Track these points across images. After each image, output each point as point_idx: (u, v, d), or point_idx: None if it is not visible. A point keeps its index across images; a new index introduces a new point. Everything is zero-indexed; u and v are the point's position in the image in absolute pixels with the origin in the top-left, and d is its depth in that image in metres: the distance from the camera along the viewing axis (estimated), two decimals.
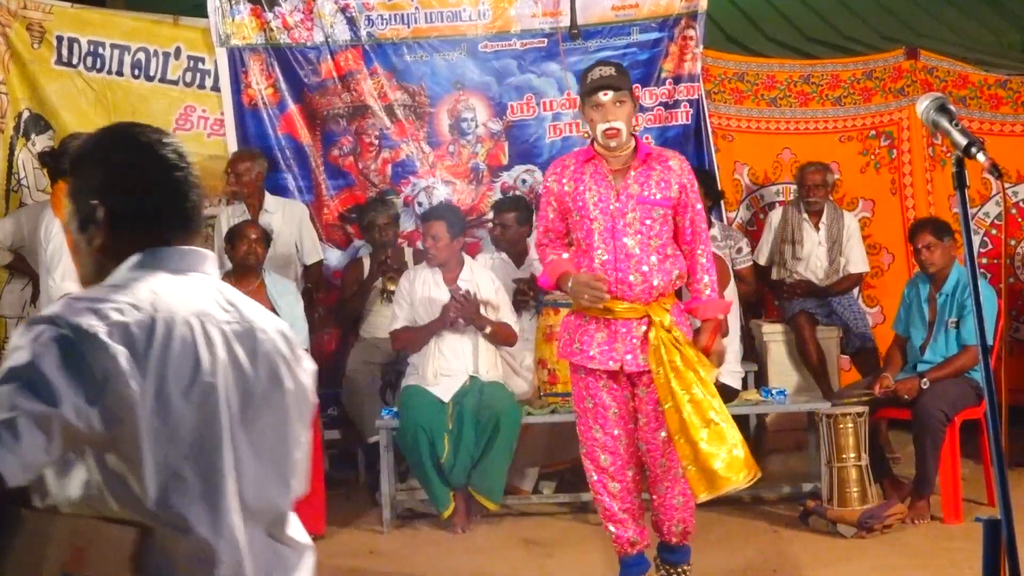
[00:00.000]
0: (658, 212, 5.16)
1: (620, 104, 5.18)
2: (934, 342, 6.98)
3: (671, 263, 5.20)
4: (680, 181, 5.20)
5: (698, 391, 5.10)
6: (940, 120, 2.75)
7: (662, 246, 5.18)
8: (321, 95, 8.37)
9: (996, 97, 8.78)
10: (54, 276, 6.36)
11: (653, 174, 5.20)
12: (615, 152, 5.22)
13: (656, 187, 5.18)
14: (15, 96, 7.95)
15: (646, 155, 5.26)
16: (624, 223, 5.17)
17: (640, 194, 5.18)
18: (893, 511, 6.55)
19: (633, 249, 5.16)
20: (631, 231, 5.17)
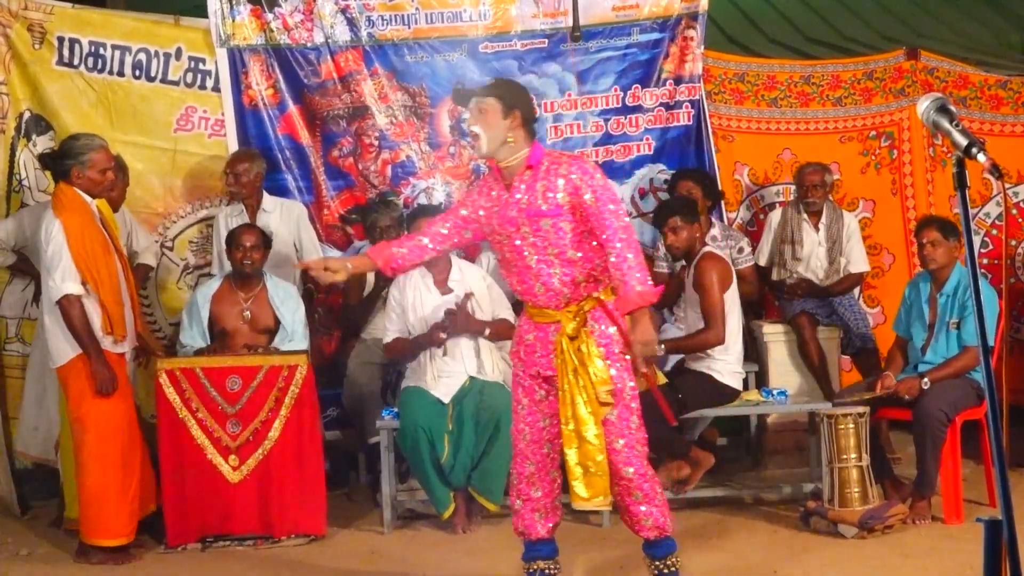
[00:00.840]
0: (547, 222, 5.18)
1: (481, 111, 5.26)
2: (935, 343, 6.98)
3: (578, 267, 5.22)
4: (571, 187, 5.18)
5: (581, 406, 5.18)
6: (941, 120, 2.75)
7: (560, 253, 5.20)
8: (321, 96, 8.37)
9: (996, 98, 8.79)
10: (54, 277, 6.36)
11: (539, 184, 5.21)
12: (501, 163, 5.29)
13: (542, 196, 5.19)
14: (16, 97, 7.94)
15: (535, 163, 5.26)
16: (519, 235, 5.24)
17: (526, 205, 5.22)
18: (894, 512, 6.55)
19: (530, 260, 5.23)
20: (526, 243, 5.23)
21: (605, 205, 5.13)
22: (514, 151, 5.24)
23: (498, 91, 5.31)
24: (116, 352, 6.52)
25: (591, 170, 5.22)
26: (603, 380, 5.18)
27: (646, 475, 5.30)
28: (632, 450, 5.27)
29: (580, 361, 5.18)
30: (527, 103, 5.40)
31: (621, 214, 5.16)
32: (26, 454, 7.62)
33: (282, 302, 7.25)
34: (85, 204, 6.52)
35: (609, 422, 5.24)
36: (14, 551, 6.88)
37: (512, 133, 5.23)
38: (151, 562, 6.59)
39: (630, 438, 5.27)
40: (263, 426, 6.78)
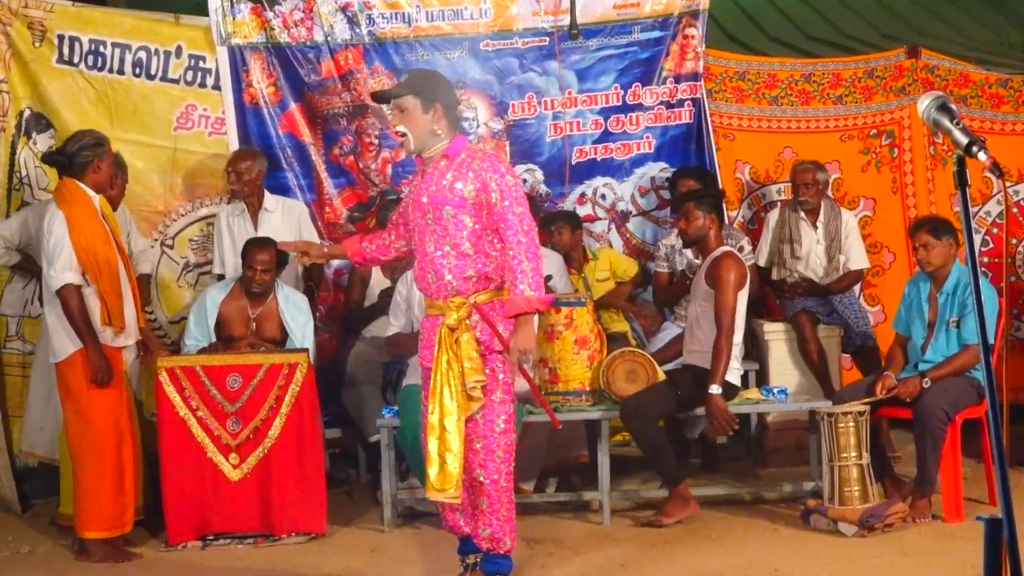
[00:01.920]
0: (448, 211, 5.29)
1: (401, 111, 5.38)
2: (935, 341, 6.97)
3: (470, 262, 5.30)
4: (479, 182, 5.27)
5: (448, 398, 5.26)
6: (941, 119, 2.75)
7: (456, 245, 5.30)
8: (322, 94, 8.37)
9: (997, 96, 8.79)
10: (55, 267, 6.37)
11: (449, 174, 5.32)
12: (424, 154, 5.43)
13: (449, 186, 5.30)
14: (16, 95, 7.94)
15: (452, 154, 5.36)
16: (424, 221, 5.37)
17: (434, 192, 5.34)
18: (894, 510, 6.55)
19: (427, 246, 5.38)
20: (428, 229, 5.36)
21: (511, 207, 5.22)
22: (439, 141, 5.37)
23: (415, 87, 5.39)
24: (115, 346, 6.53)
25: (504, 170, 5.31)
26: (474, 371, 5.25)
27: (498, 484, 5.37)
28: (490, 454, 5.35)
29: (455, 353, 5.26)
30: (446, 93, 5.48)
31: (525, 218, 5.24)
32: (33, 454, 7.62)
33: (292, 316, 7.26)
34: (88, 198, 6.54)
35: (474, 421, 5.33)
36: (15, 549, 6.88)
37: (437, 126, 5.35)
38: (151, 560, 6.59)
39: (490, 441, 5.35)
40: (263, 424, 6.78)
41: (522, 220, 5.22)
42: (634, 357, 7.06)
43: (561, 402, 7.03)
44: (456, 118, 5.48)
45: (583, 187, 8.57)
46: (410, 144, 5.43)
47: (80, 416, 6.49)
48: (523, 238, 5.21)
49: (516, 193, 5.27)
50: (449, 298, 5.33)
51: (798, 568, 5.96)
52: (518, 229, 5.21)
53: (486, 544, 5.48)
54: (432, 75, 5.72)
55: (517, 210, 5.23)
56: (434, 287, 5.38)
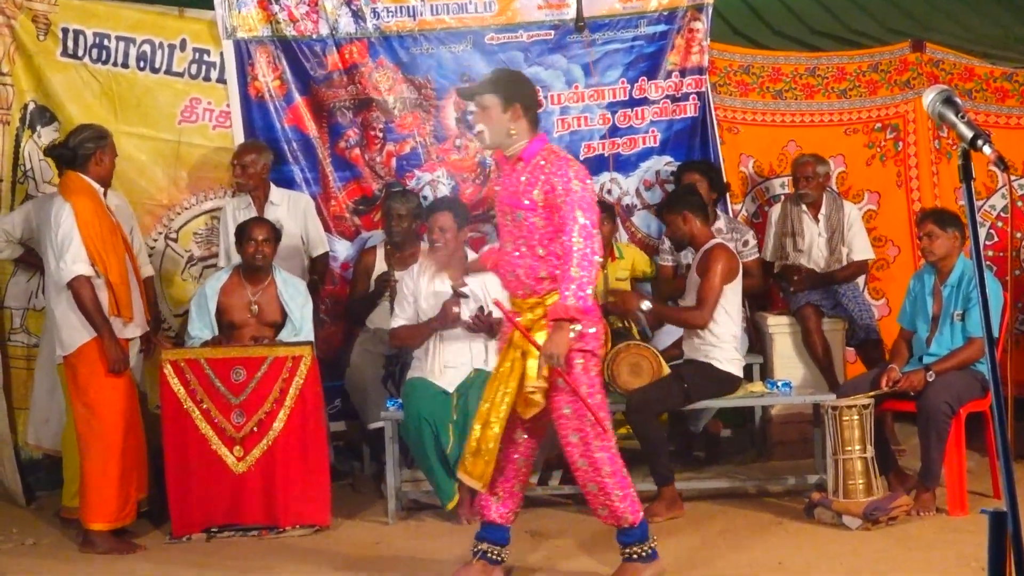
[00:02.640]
0: (520, 214, 5.38)
1: (482, 109, 5.45)
2: (939, 335, 6.97)
3: (542, 264, 5.38)
4: (548, 187, 5.32)
5: (501, 392, 5.42)
6: (946, 112, 2.75)
7: (530, 247, 5.39)
8: (327, 87, 8.36)
9: (1002, 90, 8.78)
10: (65, 259, 6.39)
11: (524, 176, 5.40)
12: (505, 152, 5.50)
13: (523, 189, 5.38)
14: (20, 88, 7.93)
15: (527, 157, 5.42)
16: (504, 220, 5.52)
17: (509, 194, 5.45)
18: (898, 503, 6.55)
19: (507, 245, 5.51)
20: (507, 228, 5.49)
21: (571, 212, 5.25)
22: (515, 142, 5.42)
23: (496, 87, 5.45)
24: (123, 337, 6.56)
25: (571, 175, 5.33)
26: (533, 378, 5.33)
27: (600, 471, 5.45)
28: (587, 446, 5.43)
29: (523, 352, 5.37)
30: (527, 93, 5.53)
31: (585, 226, 5.25)
32: (39, 447, 7.63)
33: (291, 297, 7.26)
34: (93, 190, 6.57)
35: (565, 417, 5.43)
36: (20, 541, 6.89)
37: (514, 125, 5.39)
38: (156, 552, 6.60)
39: (585, 434, 5.43)
40: (267, 417, 6.79)
41: (581, 226, 5.25)
42: (639, 350, 7.06)
43: None
44: (536, 119, 5.54)
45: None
46: (486, 141, 5.52)
47: (88, 408, 6.51)
48: (578, 243, 5.23)
49: (579, 199, 5.28)
50: (525, 297, 5.44)
51: (802, 561, 5.97)
52: (575, 235, 5.24)
53: (610, 522, 5.59)
54: (514, 75, 5.83)
55: (578, 216, 5.25)
56: (512, 285, 5.50)
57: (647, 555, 5.59)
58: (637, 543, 5.58)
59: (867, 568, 5.79)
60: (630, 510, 5.51)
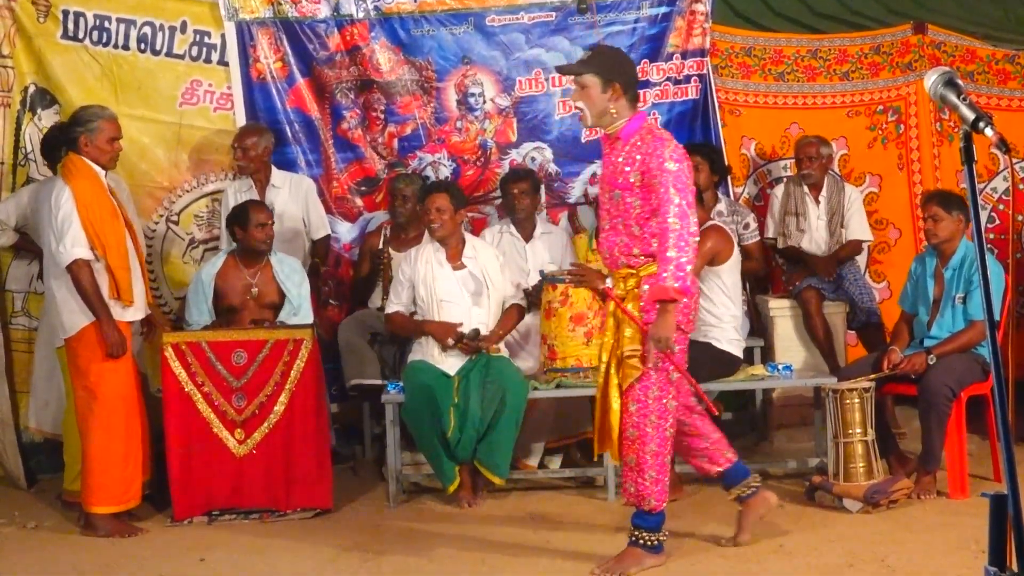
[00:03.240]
0: (617, 194, 5.48)
1: (582, 87, 5.51)
2: (941, 318, 6.97)
3: (636, 241, 5.48)
4: (644, 168, 5.38)
5: (612, 367, 5.54)
6: (948, 94, 2.74)
7: (626, 225, 5.49)
8: (330, 68, 8.34)
9: (1004, 72, 8.76)
10: (64, 243, 6.39)
11: (622, 155, 5.48)
12: (606, 131, 5.58)
13: (619, 169, 5.47)
14: (21, 71, 7.92)
15: (626, 136, 5.49)
16: (603, 197, 5.65)
17: (608, 173, 5.56)
18: (899, 486, 6.55)
19: (604, 222, 5.63)
20: (604, 207, 5.62)
21: (666, 193, 5.32)
22: (615, 120, 5.51)
23: (595, 66, 5.52)
24: (123, 320, 6.55)
25: (667, 155, 5.38)
26: (632, 340, 5.45)
27: (647, 447, 5.49)
28: (643, 418, 5.48)
29: (618, 321, 5.50)
30: (627, 72, 5.61)
31: (682, 206, 5.31)
32: (41, 430, 7.64)
33: (287, 277, 7.26)
34: (94, 173, 6.56)
35: (632, 387, 5.48)
36: (21, 524, 6.90)
37: (613, 104, 5.47)
38: (157, 535, 6.61)
39: (644, 406, 5.48)
40: (269, 400, 6.80)
41: (677, 207, 5.31)
42: None
43: (563, 378, 7.03)
44: (635, 97, 5.60)
45: (594, 166, 8.52)
46: (587, 120, 5.59)
47: (89, 392, 6.51)
48: (674, 224, 5.30)
49: (675, 179, 5.33)
50: (619, 270, 5.56)
51: (803, 544, 5.97)
52: (670, 215, 5.31)
53: (632, 500, 5.62)
54: (615, 54, 5.87)
55: (674, 197, 5.31)
56: (608, 260, 5.65)
57: (654, 546, 5.62)
58: (648, 530, 5.60)
59: (867, 551, 5.80)
60: (656, 495, 5.55)
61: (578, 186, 8.52)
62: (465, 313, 7.15)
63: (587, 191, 8.48)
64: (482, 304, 7.20)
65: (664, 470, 5.56)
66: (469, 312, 7.16)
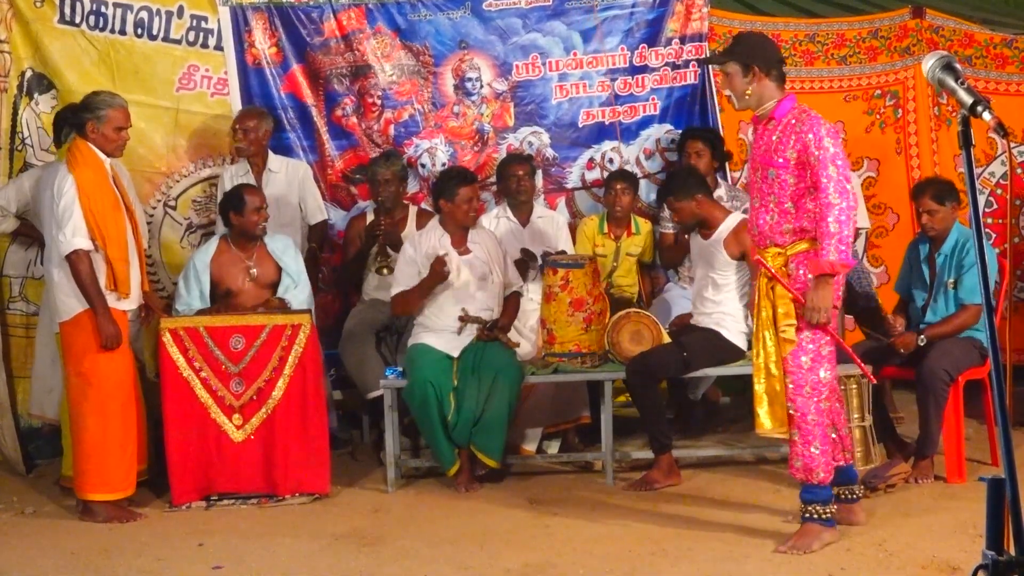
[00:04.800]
0: (772, 172, 5.64)
1: (727, 75, 5.74)
2: (934, 303, 6.97)
3: (788, 218, 5.63)
4: (801, 145, 5.54)
5: (769, 340, 5.70)
6: (946, 79, 2.74)
7: (779, 202, 5.63)
8: (324, 54, 8.31)
9: (1002, 56, 8.74)
10: (65, 232, 6.39)
11: (776, 135, 5.64)
12: (757, 112, 5.75)
13: (775, 148, 5.63)
14: (18, 55, 7.89)
15: (779, 116, 5.66)
16: (755, 177, 5.77)
17: (762, 153, 5.71)
18: (897, 471, 6.57)
19: (755, 201, 5.78)
20: (755, 185, 5.76)
21: (825, 169, 5.46)
22: (761, 101, 5.69)
23: (734, 54, 5.75)
24: (119, 309, 6.54)
25: (823, 132, 5.54)
26: (787, 316, 5.57)
27: (806, 418, 5.63)
28: (799, 390, 5.63)
29: (771, 299, 5.61)
30: (766, 54, 5.77)
31: (840, 181, 5.47)
32: (43, 416, 7.62)
33: (282, 251, 7.25)
34: (99, 160, 6.56)
35: (783, 360, 5.63)
36: (19, 510, 6.91)
37: (758, 86, 5.65)
38: (155, 520, 6.62)
39: (798, 377, 5.62)
40: (267, 385, 6.80)
41: (836, 183, 5.46)
42: (639, 318, 7.06)
43: (561, 363, 7.04)
44: (781, 76, 5.76)
45: (592, 151, 8.52)
46: (735, 105, 5.83)
47: (82, 378, 6.51)
48: (835, 200, 5.46)
49: (832, 154, 5.50)
50: (767, 248, 5.68)
51: None
52: (830, 191, 5.45)
53: (800, 475, 5.71)
54: (752, 39, 6.05)
55: (832, 172, 5.47)
56: (756, 237, 5.79)
57: (827, 519, 5.70)
58: (820, 503, 5.69)
59: (865, 535, 5.80)
60: (823, 467, 5.66)
61: (575, 171, 8.51)
62: (471, 297, 7.16)
63: (584, 176, 8.48)
64: (487, 288, 7.22)
65: (827, 441, 5.68)
66: (474, 297, 7.17)
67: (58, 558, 6.01)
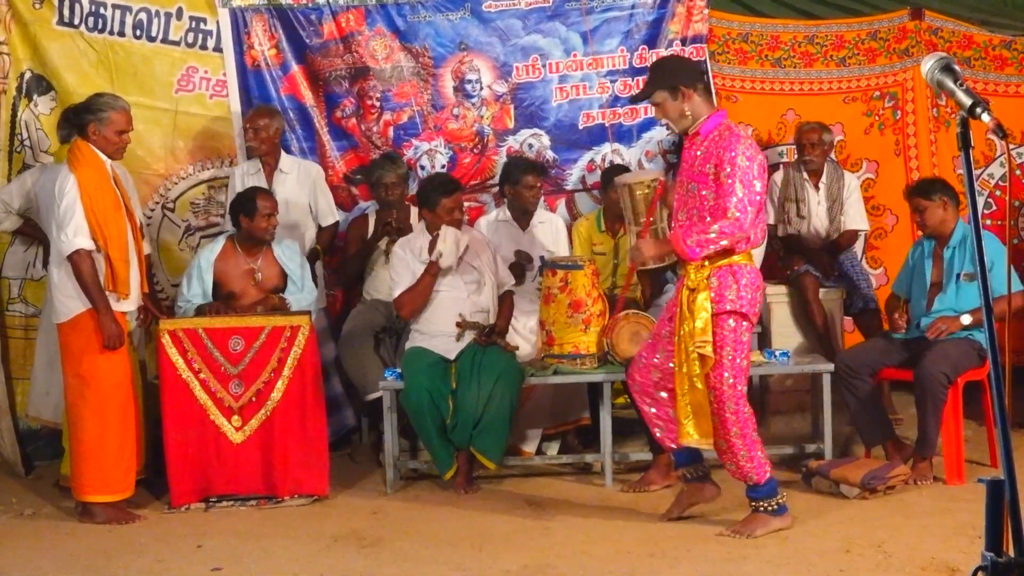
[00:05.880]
0: (694, 186, 5.79)
1: (658, 106, 5.89)
2: (943, 294, 6.96)
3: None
4: (717, 159, 5.67)
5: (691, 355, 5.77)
6: (945, 80, 2.74)
7: (699, 216, 5.74)
8: (323, 56, 8.31)
9: (1001, 58, 8.75)
10: (66, 232, 6.39)
11: (700, 150, 5.79)
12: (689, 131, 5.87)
13: (698, 163, 5.77)
14: (17, 57, 7.90)
15: (705, 132, 5.80)
16: (681, 191, 5.89)
17: (686, 168, 5.84)
18: (896, 472, 6.57)
19: (680, 214, 5.88)
20: (680, 200, 5.89)
21: (733, 184, 5.60)
22: (697, 117, 5.83)
23: (658, 83, 5.88)
24: (118, 310, 6.54)
25: (740, 150, 5.66)
26: (703, 331, 5.69)
27: (730, 431, 5.83)
28: (721, 405, 5.81)
29: (691, 312, 5.71)
30: (687, 72, 5.95)
31: (743, 203, 5.59)
32: (39, 418, 7.63)
33: (289, 258, 7.25)
34: (100, 162, 6.56)
35: (708, 376, 5.77)
36: (18, 511, 6.90)
37: (688, 106, 5.80)
38: (154, 522, 6.62)
39: (720, 394, 5.80)
40: (266, 387, 6.79)
41: (740, 201, 5.60)
42: (638, 319, 7.06)
43: (560, 364, 7.04)
44: (708, 90, 5.98)
45: (592, 153, 8.51)
46: (675, 129, 5.99)
47: (80, 379, 6.51)
48: (733, 214, 5.60)
49: (743, 173, 5.62)
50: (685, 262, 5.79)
51: (800, 529, 5.98)
52: (731, 204, 5.60)
53: (738, 477, 6.00)
54: (669, 61, 6.30)
55: (739, 190, 5.61)
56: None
57: (776, 509, 5.94)
58: (765, 498, 5.93)
59: (864, 536, 5.81)
60: (756, 471, 5.89)
61: (575, 173, 8.50)
62: (464, 301, 7.16)
63: (584, 178, 8.48)
64: (480, 291, 7.21)
65: (754, 446, 5.89)
66: (467, 300, 7.17)
67: (57, 559, 6.01)
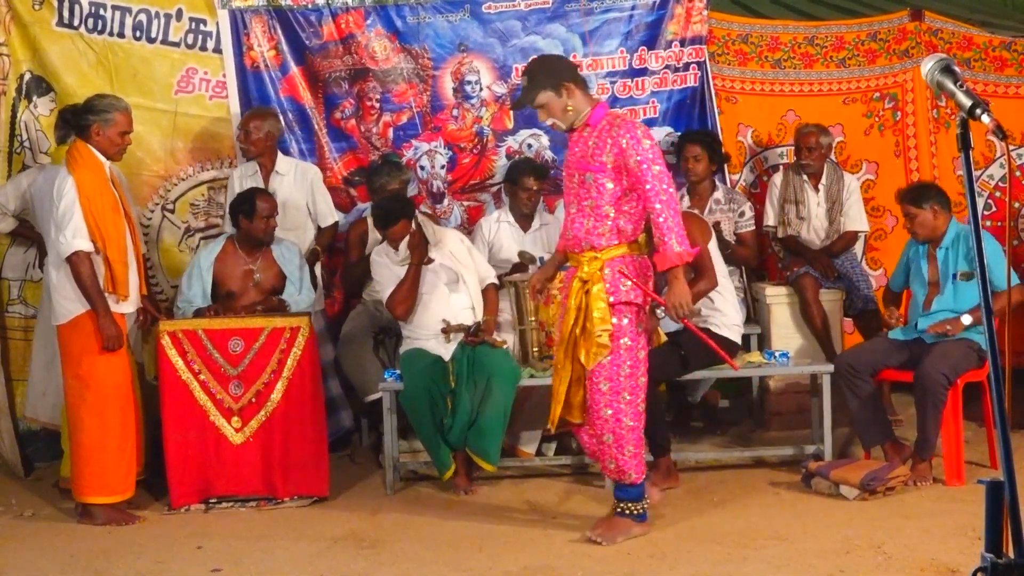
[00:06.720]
0: (590, 176, 5.76)
1: (542, 107, 5.84)
2: (940, 296, 6.97)
3: (608, 222, 5.73)
4: (618, 149, 5.67)
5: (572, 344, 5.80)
6: (945, 81, 2.74)
7: (596, 207, 5.74)
8: (323, 57, 8.31)
9: (1001, 59, 8.75)
10: (65, 233, 6.39)
11: (592, 140, 5.78)
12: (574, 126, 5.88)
13: (591, 153, 5.76)
14: (16, 58, 7.90)
15: (594, 123, 5.80)
16: (571, 184, 5.87)
17: (578, 158, 5.81)
18: (895, 473, 6.57)
19: (571, 207, 5.87)
20: (572, 192, 5.86)
21: (648, 168, 5.58)
22: (579, 112, 5.81)
23: (540, 84, 5.82)
24: (117, 312, 6.54)
25: (640, 135, 5.66)
26: (602, 321, 5.68)
27: (622, 423, 5.77)
28: (616, 396, 5.75)
29: (586, 303, 5.70)
30: (565, 69, 5.95)
31: (664, 177, 5.61)
32: (36, 419, 7.62)
33: (288, 260, 7.26)
34: (99, 163, 6.55)
35: (601, 365, 5.72)
36: (18, 512, 6.90)
37: (571, 102, 5.80)
38: (154, 523, 6.62)
39: (616, 384, 5.74)
40: (265, 388, 6.79)
41: (661, 179, 5.60)
42: None
43: None
44: (584, 84, 5.93)
45: None
46: (561, 127, 5.91)
47: (79, 381, 6.50)
48: (664, 196, 5.59)
49: (652, 155, 5.64)
50: (582, 252, 5.79)
51: (799, 531, 5.98)
52: (657, 188, 5.59)
53: (614, 475, 5.93)
54: (544, 61, 6.22)
55: (655, 170, 5.61)
56: (572, 242, 5.84)
57: (638, 515, 5.91)
58: (632, 501, 5.89)
59: (864, 537, 5.80)
60: (635, 468, 5.85)
61: None
62: (445, 303, 7.17)
63: None
64: (460, 290, 7.24)
65: (640, 444, 5.87)
66: (449, 301, 7.18)
67: (57, 561, 6.01)
